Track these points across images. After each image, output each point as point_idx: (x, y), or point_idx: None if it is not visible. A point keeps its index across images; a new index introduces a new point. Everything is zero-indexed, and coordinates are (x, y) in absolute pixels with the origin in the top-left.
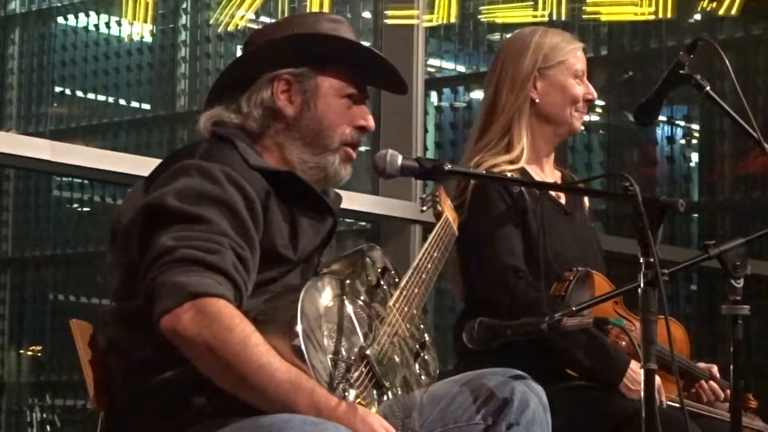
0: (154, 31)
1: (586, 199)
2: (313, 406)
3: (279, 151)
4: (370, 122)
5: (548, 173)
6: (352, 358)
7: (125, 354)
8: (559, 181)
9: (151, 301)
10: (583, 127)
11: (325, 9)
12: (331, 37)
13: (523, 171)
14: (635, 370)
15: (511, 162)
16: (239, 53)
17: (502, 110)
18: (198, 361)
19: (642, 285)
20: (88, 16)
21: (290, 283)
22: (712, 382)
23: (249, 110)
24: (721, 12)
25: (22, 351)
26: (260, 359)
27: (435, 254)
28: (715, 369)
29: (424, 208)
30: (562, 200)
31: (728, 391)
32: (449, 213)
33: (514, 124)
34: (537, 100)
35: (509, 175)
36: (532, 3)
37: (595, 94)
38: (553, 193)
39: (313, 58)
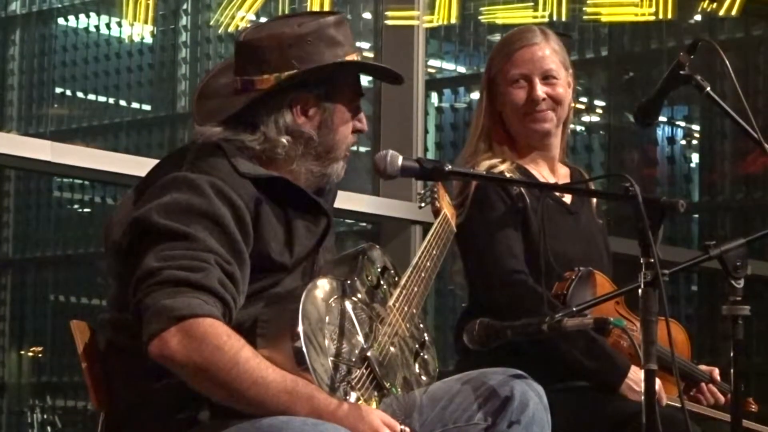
0: (155, 32)
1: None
2: (314, 410)
3: (285, 162)
4: (366, 125)
5: (552, 171)
6: (353, 359)
7: (125, 358)
8: (566, 177)
9: (139, 323)
10: (583, 127)
11: (326, 10)
12: (349, 64)
13: (523, 170)
14: (636, 372)
15: (504, 162)
16: (236, 51)
17: (477, 123)
18: (191, 382)
19: (642, 285)
20: (88, 17)
21: (290, 286)
22: (712, 386)
23: (276, 137)
24: (721, 12)
25: (22, 352)
26: (253, 375)
27: (434, 252)
28: (716, 372)
29: (422, 205)
30: (567, 199)
31: (729, 396)
32: (448, 209)
33: (482, 138)
34: (503, 115)
35: (509, 175)
36: (532, 4)
37: (537, 94)
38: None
39: (331, 80)
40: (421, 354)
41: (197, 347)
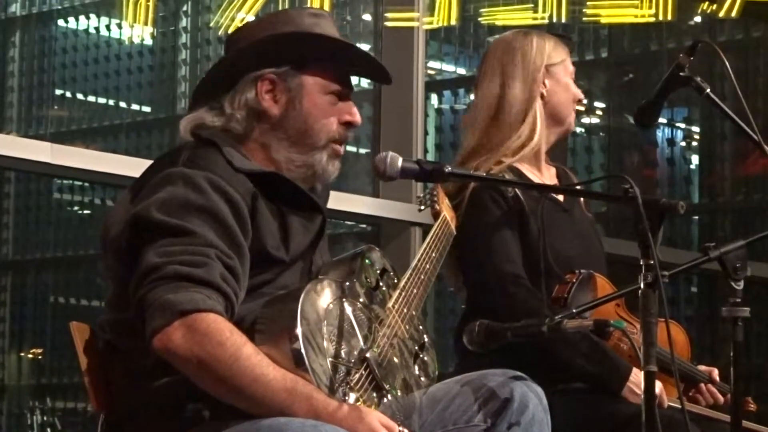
0: (155, 34)
1: None
2: (312, 411)
3: (264, 151)
4: (357, 117)
5: (544, 171)
6: (352, 361)
7: (124, 359)
8: (554, 176)
9: (141, 319)
10: (583, 129)
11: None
12: (313, 35)
13: (516, 171)
14: (638, 375)
15: (515, 153)
16: (223, 52)
17: (512, 105)
18: (193, 377)
19: (642, 287)
20: (88, 18)
21: (287, 284)
22: (711, 386)
23: (232, 112)
24: (721, 14)
25: (22, 353)
26: (254, 371)
27: (433, 254)
28: (715, 372)
29: (422, 208)
30: (560, 197)
31: (728, 396)
32: (447, 212)
33: (528, 117)
34: (546, 97)
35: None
36: (532, 5)
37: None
38: None
39: (295, 56)
40: (421, 356)
41: (200, 341)
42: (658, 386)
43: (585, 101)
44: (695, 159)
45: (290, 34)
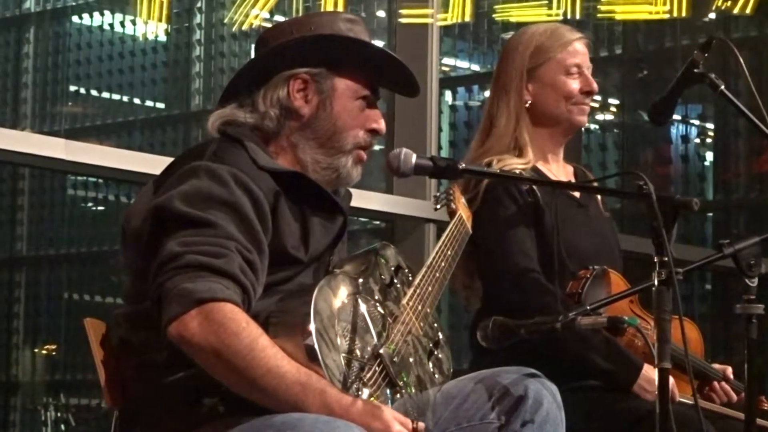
0: (169, 30)
1: None
2: (325, 406)
3: (292, 150)
4: (382, 126)
5: (559, 169)
6: (366, 357)
7: (138, 353)
8: (571, 175)
9: (158, 307)
10: (597, 126)
11: (340, 8)
12: (350, 39)
13: (535, 169)
14: (649, 371)
15: (523, 164)
16: (253, 51)
17: (499, 118)
18: (207, 366)
19: (656, 284)
20: (102, 15)
21: (303, 282)
22: (725, 384)
23: (266, 110)
24: (735, 11)
25: (36, 350)
26: (268, 363)
27: (449, 252)
28: (729, 370)
29: (438, 207)
30: (576, 193)
31: (742, 394)
32: (463, 211)
33: (518, 131)
34: (530, 102)
35: (522, 173)
36: (546, 2)
37: (595, 86)
38: None
39: (330, 58)
40: (436, 353)
41: (215, 330)
42: (670, 381)
43: (593, 87)
44: (709, 156)
45: (328, 36)
